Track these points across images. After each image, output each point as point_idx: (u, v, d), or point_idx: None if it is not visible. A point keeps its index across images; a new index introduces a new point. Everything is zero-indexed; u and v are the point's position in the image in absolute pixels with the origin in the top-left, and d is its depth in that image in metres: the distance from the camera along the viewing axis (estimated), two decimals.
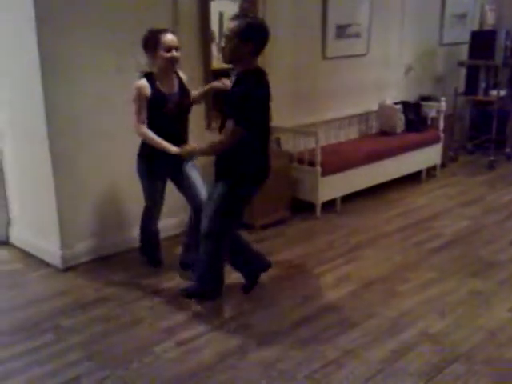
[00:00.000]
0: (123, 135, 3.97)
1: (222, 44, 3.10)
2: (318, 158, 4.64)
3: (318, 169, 4.67)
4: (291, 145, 5.01)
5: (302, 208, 4.82)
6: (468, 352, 2.83)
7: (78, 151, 3.78)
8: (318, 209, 4.78)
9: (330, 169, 4.74)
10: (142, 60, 3.87)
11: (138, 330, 3.10)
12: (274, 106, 4.54)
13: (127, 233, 4.12)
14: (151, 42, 3.37)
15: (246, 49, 2.95)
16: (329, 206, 4.86)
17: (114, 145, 3.94)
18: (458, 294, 3.43)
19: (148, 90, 3.38)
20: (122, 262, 3.95)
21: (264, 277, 3.60)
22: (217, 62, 4.34)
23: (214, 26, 4.39)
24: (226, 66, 3.26)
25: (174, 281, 3.65)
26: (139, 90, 3.37)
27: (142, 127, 3.41)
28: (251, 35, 2.94)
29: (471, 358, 2.79)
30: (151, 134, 3.41)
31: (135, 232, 4.10)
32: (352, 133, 5.80)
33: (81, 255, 3.90)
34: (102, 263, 3.92)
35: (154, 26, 3.87)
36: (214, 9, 4.36)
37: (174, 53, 3.38)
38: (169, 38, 3.36)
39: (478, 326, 3.07)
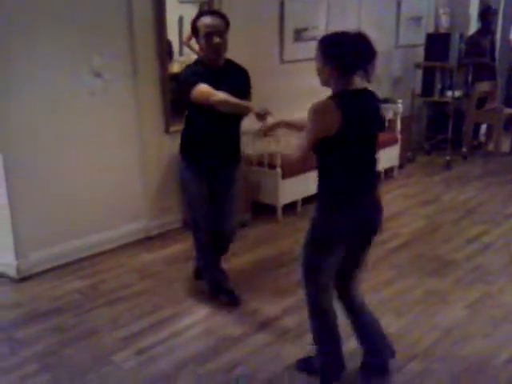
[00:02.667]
0: (81, 142, 3.92)
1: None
2: (279, 161, 4.65)
3: (279, 171, 4.69)
4: (250, 148, 5.01)
5: (263, 211, 4.83)
6: (425, 350, 2.88)
7: (33, 160, 3.70)
8: (279, 211, 4.79)
9: (290, 171, 4.76)
10: (96, 62, 3.85)
11: (95, 340, 3.04)
12: None
13: (83, 241, 4.05)
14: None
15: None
16: (290, 208, 4.88)
17: (70, 152, 3.88)
18: (415, 293, 3.49)
19: None
20: (78, 270, 3.88)
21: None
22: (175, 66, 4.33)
23: (174, 30, 4.39)
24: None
25: (133, 287, 3.61)
26: None
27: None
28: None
29: (428, 355, 2.83)
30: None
31: (91, 239, 4.05)
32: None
33: (36, 265, 3.81)
34: (58, 272, 3.84)
35: (109, 30, 3.87)
36: (174, 13, 4.34)
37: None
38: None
39: (435, 324, 3.12)
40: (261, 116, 3.00)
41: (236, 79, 3.19)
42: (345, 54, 2.41)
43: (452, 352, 2.86)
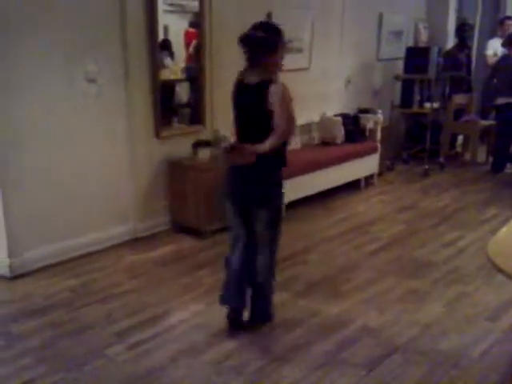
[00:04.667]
0: (73, 144, 4.03)
1: None
2: None
3: None
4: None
5: None
6: (405, 344, 3.04)
7: (27, 160, 3.80)
8: None
9: None
10: (90, 68, 3.97)
11: (88, 335, 3.14)
12: (221, 117, 4.74)
13: (74, 241, 4.15)
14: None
15: None
16: None
17: (63, 154, 3.98)
18: (395, 293, 3.66)
19: None
20: (70, 269, 3.97)
21: (214, 280, 3.74)
22: (166, 74, 4.44)
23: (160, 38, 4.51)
24: (174, 77, 3.36)
25: (125, 286, 3.72)
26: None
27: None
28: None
29: (408, 349, 2.99)
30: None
31: (82, 240, 4.15)
32: (295, 143, 6.00)
33: (30, 263, 3.89)
34: (51, 271, 3.93)
35: (103, 38, 3.98)
36: (160, 22, 4.47)
37: None
38: None
39: (414, 321, 3.29)
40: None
41: None
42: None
43: (430, 346, 3.03)
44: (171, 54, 4.81)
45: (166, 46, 4.70)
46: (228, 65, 4.98)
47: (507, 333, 3.10)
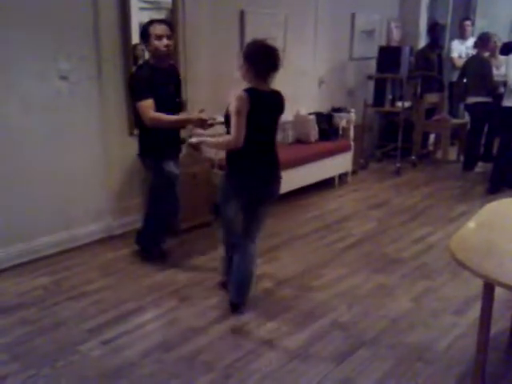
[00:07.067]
0: (46, 142, 4.03)
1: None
2: None
3: None
4: (213, 151, 5.18)
5: None
6: (373, 338, 3.12)
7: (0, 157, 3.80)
8: None
9: None
10: (63, 65, 3.96)
11: (61, 332, 3.16)
12: (195, 113, 4.75)
13: (46, 239, 4.15)
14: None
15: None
16: None
17: (36, 151, 3.98)
18: (365, 288, 3.74)
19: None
20: (42, 267, 3.97)
21: (188, 277, 3.78)
22: None
23: (135, 36, 4.51)
24: None
25: (98, 283, 3.74)
26: None
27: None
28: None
29: (376, 343, 3.07)
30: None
31: (54, 238, 4.15)
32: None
33: (0, 262, 3.89)
34: (22, 269, 3.92)
35: (76, 35, 3.99)
36: (135, 19, 4.47)
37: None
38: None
39: (383, 315, 3.37)
40: (204, 124, 3.68)
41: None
42: (256, 62, 3.10)
43: (397, 340, 3.11)
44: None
45: None
46: (201, 61, 5.03)
47: (472, 326, 3.19)
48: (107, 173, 4.47)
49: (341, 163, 6.18)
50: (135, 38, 4.52)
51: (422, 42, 7.83)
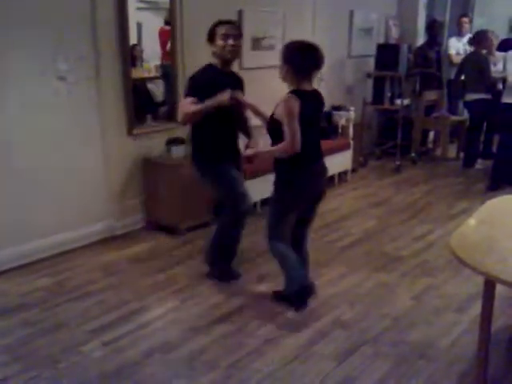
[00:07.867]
0: (46, 142, 4.03)
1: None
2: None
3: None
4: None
5: None
6: (375, 336, 3.12)
7: (1, 158, 3.79)
8: None
9: (250, 173, 4.95)
10: (61, 66, 3.96)
11: (63, 333, 3.16)
12: None
13: (48, 240, 4.15)
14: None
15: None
16: None
17: (36, 152, 3.98)
18: (366, 286, 3.74)
19: None
20: (43, 268, 3.97)
21: (189, 277, 3.79)
22: (139, 72, 4.45)
23: (133, 36, 4.52)
24: (146, 75, 3.40)
25: (100, 283, 3.74)
26: None
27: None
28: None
29: (378, 341, 3.07)
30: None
31: (56, 239, 4.15)
32: (268, 140, 6.05)
33: (3, 262, 3.88)
34: (24, 271, 3.92)
35: (74, 36, 3.98)
36: (133, 20, 4.48)
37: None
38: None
39: (384, 314, 3.37)
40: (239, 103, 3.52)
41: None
42: (296, 61, 3.10)
43: (399, 338, 3.11)
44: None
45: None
46: (199, 61, 5.01)
47: (474, 324, 3.20)
48: (107, 173, 4.47)
49: (340, 161, 6.18)
50: (133, 39, 4.55)
51: (421, 39, 7.82)
